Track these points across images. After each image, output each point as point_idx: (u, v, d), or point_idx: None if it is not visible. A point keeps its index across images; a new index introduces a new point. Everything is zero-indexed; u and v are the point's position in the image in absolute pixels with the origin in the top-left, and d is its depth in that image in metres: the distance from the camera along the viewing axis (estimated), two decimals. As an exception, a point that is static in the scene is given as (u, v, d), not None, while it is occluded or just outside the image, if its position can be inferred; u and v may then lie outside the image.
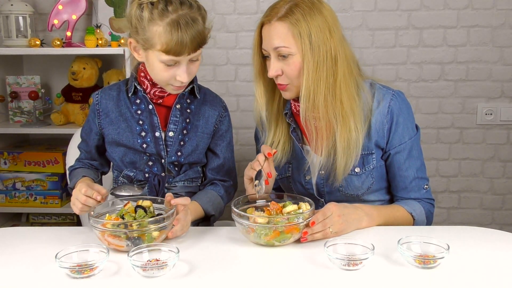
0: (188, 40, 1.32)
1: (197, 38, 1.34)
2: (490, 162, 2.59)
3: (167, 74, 1.39)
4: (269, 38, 1.38)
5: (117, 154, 1.52)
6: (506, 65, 2.49)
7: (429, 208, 1.51)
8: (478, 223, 2.59)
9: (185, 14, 1.32)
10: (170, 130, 1.50)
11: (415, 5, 2.46)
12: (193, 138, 1.52)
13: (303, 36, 1.34)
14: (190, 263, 1.17)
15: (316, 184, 1.51)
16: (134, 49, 1.43)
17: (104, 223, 1.23)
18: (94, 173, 1.58)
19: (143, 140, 1.49)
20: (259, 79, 1.48)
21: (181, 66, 1.38)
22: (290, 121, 1.50)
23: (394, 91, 1.47)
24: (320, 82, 1.36)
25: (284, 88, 1.43)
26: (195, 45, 1.35)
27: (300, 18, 1.34)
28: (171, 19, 1.31)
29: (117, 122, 1.51)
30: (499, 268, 1.14)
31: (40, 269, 1.15)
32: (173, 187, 1.54)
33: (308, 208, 1.29)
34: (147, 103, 1.49)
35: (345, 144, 1.41)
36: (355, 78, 1.43)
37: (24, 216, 2.61)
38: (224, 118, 1.58)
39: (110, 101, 1.52)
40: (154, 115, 1.49)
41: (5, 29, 2.35)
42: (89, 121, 1.56)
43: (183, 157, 1.51)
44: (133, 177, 1.53)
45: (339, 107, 1.39)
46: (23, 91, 2.47)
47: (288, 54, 1.36)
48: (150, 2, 1.32)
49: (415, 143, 1.49)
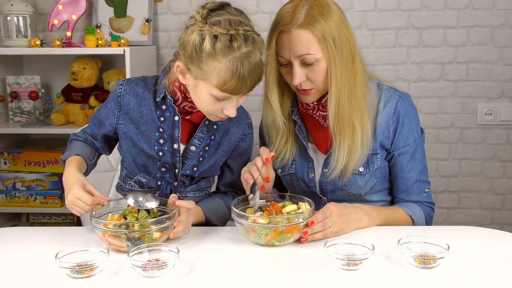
0: (249, 82, 1.24)
1: (257, 77, 1.26)
2: (490, 162, 2.59)
3: (215, 107, 1.30)
4: (291, 47, 1.34)
5: (130, 153, 1.46)
6: (506, 65, 2.49)
7: (429, 212, 1.51)
8: (478, 223, 2.60)
9: (248, 52, 1.23)
10: (193, 144, 1.44)
11: (415, 5, 2.46)
12: (212, 156, 1.48)
13: (327, 38, 1.32)
14: (190, 263, 1.17)
15: (319, 182, 1.51)
16: (180, 72, 1.32)
17: (106, 224, 1.23)
18: (92, 152, 1.50)
19: (160, 148, 1.43)
20: (273, 86, 1.42)
21: (232, 101, 1.30)
22: (296, 118, 1.50)
23: (401, 93, 1.47)
24: (345, 82, 1.35)
25: (308, 93, 1.40)
26: (254, 84, 1.27)
27: (321, 20, 1.31)
28: (234, 57, 1.21)
29: (136, 123, 1.44)
30: (499, 268, 1.14)
31: (40, 269, 1.15)
32: (184, 196, 1.49)
33: (308, 208, 1.29)
34: (174, 113, 1.41)
35: (353, 144, 1.40)
36: (365, 77, 1.43)
37: (24, 216, 2.61)
38: (247, 136, 1.52)
39: (133, 98, 1.43)
40: (177, 128, 1.42)
41: (5, 29, 2.35)
42: (107, 107, 1.47)
43: (198, 172, 1.47)
44: (145, 183, 1.48)
45: (356, 107, 1.38)
46: (23, 91, 2.47)
47: (314, 60, 1.33)
48: (214, 36, 1.21)
49: (419, 145, 1.49)
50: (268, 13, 2.48)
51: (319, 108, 1.45)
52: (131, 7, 2.48)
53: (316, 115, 1.47)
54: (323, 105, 1.44)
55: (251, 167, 1.37)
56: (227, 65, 1.22)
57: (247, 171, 1.38)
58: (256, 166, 1.35)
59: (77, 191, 1.27)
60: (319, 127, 1.48)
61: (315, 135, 1.50)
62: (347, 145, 1.40)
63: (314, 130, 1.50)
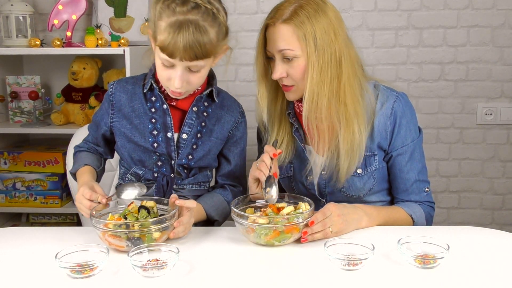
0: (181, 46, 1.26)
1: (194, 47, 1.27)
2: (490, 162, 2.59)
3: (164, 74, 1.36)
4: (274, 41, 1.37)
5: (126, 149, 1.49)
6: (506, 65, 2.49)
7: (429, 211, 1.51)
8: (478, 223, 2.60)
9: (193, 20, 1.26)
10: (184, 132, 1.47)
11: (415, 5, 2.46)
12: (206, 143, 1.50)
13: (308, 38, 1.34)
14: (190, 263, 1.17)
15: (318, 185, 1.51)
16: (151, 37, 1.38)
17: (106, 223, 1.23)
18: (98, 159, 1.56)
19: (155, 139, 1.46)
20: (262, 80, 1.47)
21: (177, 70, 1.32)
22: (293, 121, 1.50)
23: (398, 93, 1.47)
24: (324, 84, 1.36)
25: (289, 89, 1.42)
26: (190, 54, 1.28)
27: (305, 20, 1.33)
28: (176, 19, 1.27)
29: (129, 118, 1.48)
30: (499, 268, 1.14)
31: (40, 269, 1.15)
32: (181, 189, 1.51)
33: (307, 208, 1.29)
34: (162, 102, 1.46)
35: (348, 146, 1.41)
36: (359, 80, 1.43)
37: (24, 216, 2.61)
38: (240, 124, 1.55)
39: (124, 95, 1.49)
40: (167, 115, 1.46)
41: (5, 29, 2.35)
42: (102, 109, 1.53)
43: (193, 161, 1.49)
44: (141, 175, 1.50)
45: (342, 109, 1.39)
46: (23, 91, 2.47)
47: (293, 56, 1.36)
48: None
49: (418, 145, 1.49)
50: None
51: None
52: (131, 7, 2.48)
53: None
54: None
55: (260, 164, 1.38)
56: (167, 24, 1.28)
57: (255, 169, 1.39)
58: (265, 163, 1.37)
59: (83, 189, 1.32)
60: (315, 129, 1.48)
61: (312, 138, 1.50)
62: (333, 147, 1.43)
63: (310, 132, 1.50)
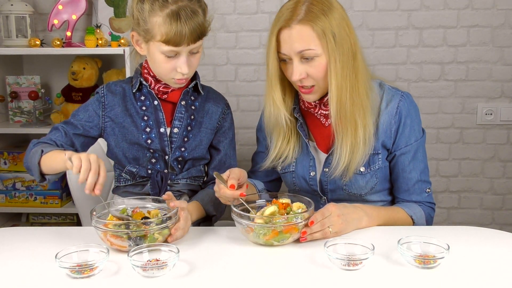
0: (187, 31, 1.35)
1: (196, 29, 1.37)
2: (490, 162, 2.59)
3: (168, 66, 1.41)
4: (291, 42, 1.34)
5: (120, 149, 1.52)
6: (506, 65, 2.49)
7: (429, 212, 1.51)
8: (478, 223, 2.59)
9: (185, 5, 1.36)
10: (175, 126, 1.51)
11: (415, 5, 2.46)
12: (197, 134, 1.54)
13: (327, 34, 1.32)
14: (190, 263, 1.17)
15: (320, 181, 1.51)
16: (136, 42, 1.46)
17: (106, 223, 1.23)
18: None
19: (148, 136, 1.50)
20: (276, 83, 1.42)
21: (181, 58, 1.40)
22: (298, 116, 1.49)
23: (403, 93, 1.47)
24: (347, 79, 1.35)
25: (310, 91, 1.39)
26: (195, 36, 1.37)
27: (321, 16, 1.32)
28: (171, 10, 1.34)
29: (122, 117, 1.51)
30: (499, 268, 1.14)
31: (40, 269, 1.15)
32: (175, 184, 1.54)
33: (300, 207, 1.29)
34: (153, 99, 1.51)
35: (355, 142, 1.40)
36: (369, 75, 1.43)
37: (24, 216, 2.61)
38: (227, 115, 1.61)
39: (115, 96, 1.53)
40: (159, 111, 1.51)
41: (5, 29, 2.35)
42: (88, 110, 1.52)
43: (187, 152, 1.53)
44: (135, 173, 1.53)
45: (359, 103, 1.38)
46: (23, 91, 2.47)
47: (314, 56, 1.34)
48: None
49: (421, 145, 1.49)
50: (268, 13, 2.48)
51: (321, 106, 1.45)
52: (131, 7, 2.48)
53: (317, 114, 1.46)
54: (324, 103, 1.44)
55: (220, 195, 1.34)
56: (165, 18, 1.34)
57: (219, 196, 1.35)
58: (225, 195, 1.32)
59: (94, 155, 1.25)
60: (320, 126, 1.48)
61: (316, 134, 1.50)
62: (349, 143, 1.40)
63: (315, 128, 1.49)
